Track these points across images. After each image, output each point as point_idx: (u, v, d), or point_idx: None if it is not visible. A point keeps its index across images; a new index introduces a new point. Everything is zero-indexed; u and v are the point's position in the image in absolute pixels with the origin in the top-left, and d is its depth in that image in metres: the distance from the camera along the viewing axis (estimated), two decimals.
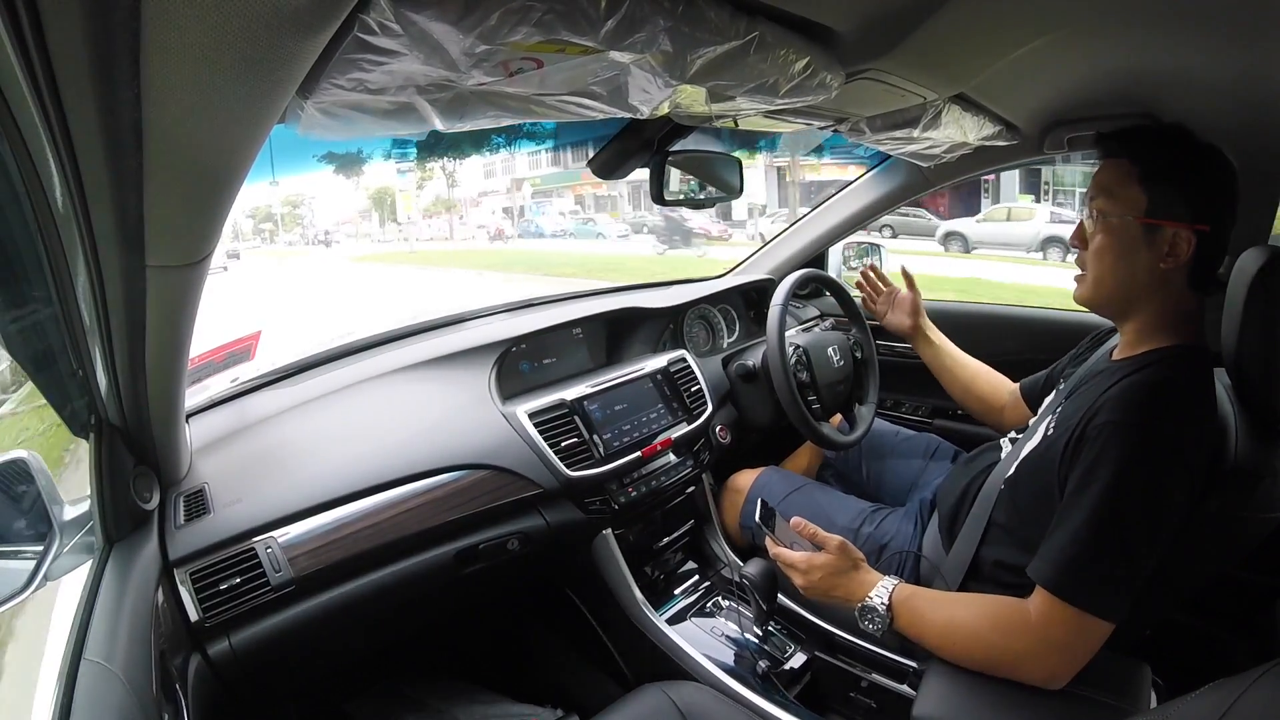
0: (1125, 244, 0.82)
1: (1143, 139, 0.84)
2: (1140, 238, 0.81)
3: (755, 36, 0.58)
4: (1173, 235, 0.79)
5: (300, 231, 19.08)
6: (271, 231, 18.80)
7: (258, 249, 17.48)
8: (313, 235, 18.67)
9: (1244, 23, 0.71)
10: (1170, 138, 0.84)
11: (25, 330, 0.61)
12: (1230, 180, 0.82)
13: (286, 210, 19.01)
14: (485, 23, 0.41)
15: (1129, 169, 0.82)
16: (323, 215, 19.58)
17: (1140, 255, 0.81)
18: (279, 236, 18.67)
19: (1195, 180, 0.80)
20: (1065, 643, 0.74)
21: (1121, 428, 0.74)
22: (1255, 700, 0.41)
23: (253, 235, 18.13)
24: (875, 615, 0.85)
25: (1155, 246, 0.80)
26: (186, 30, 0.32)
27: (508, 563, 1.04)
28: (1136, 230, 0.81)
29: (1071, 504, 0.76)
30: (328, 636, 0.91)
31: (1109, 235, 0.83)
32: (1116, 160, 0.84)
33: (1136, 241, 0.81)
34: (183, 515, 0.83)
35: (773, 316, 1.25)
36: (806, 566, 0.90)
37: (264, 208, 18.35)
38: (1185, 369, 0.80)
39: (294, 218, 19.28)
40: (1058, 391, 0.99)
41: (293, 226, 19.24)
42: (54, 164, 0.40)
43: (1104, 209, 0.84)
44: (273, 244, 18.24)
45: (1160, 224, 0.80)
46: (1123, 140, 0.84)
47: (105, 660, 0.60)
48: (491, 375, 1.16)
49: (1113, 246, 0.83)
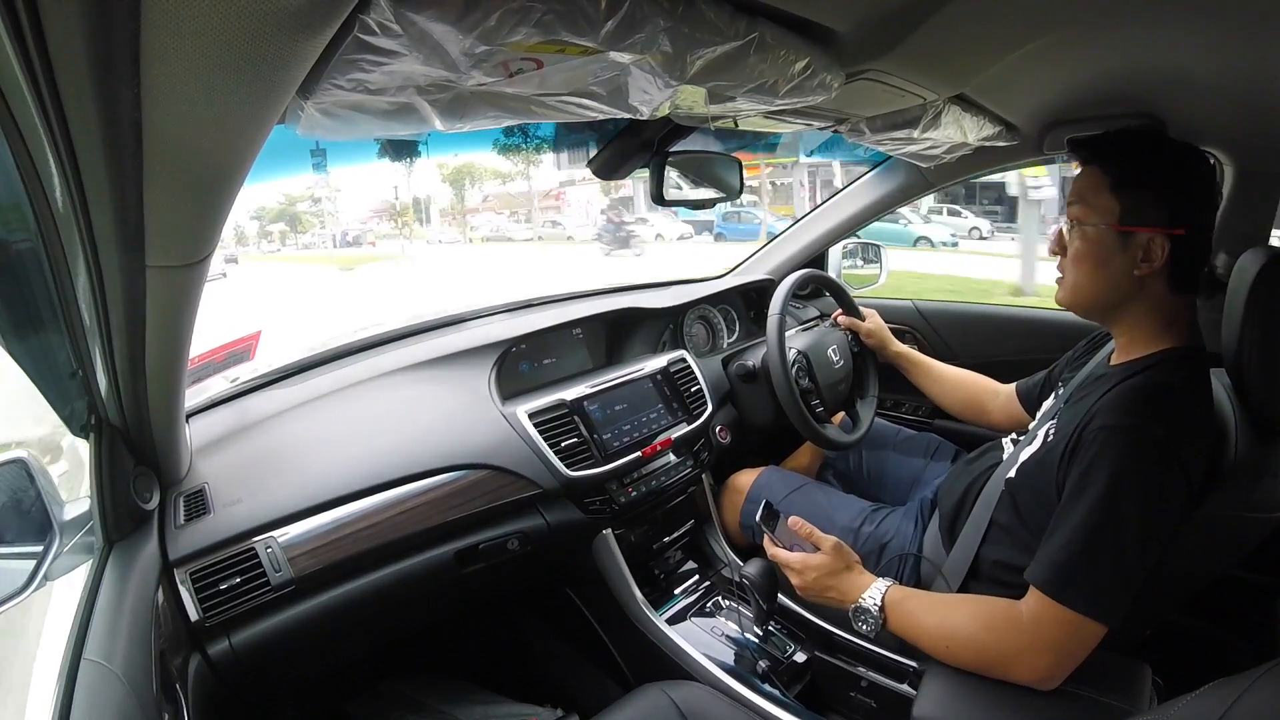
0: (1100, 251, 0.83)
1: (1113, 146, 0.84)
2: (1114, 244, 0.82)
3: (755, 37, 0.58)
4: (1146, 241, 0.80)
5: (315, 233, 18.49)
6: (283, 234, 18.28)
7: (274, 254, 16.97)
8: (338, 236, 17.98)
9: (1244, 22, 0.71)
10: (1142, 142, 0.84)
11: (25, 330, 0.61)
12: (1206, 179, 0.82)
13: (305, 209, 18.44)
14: (485, 23, 0.41)
15: (1100, 177, 0.83)
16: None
17: (1115, 261, 0.82)
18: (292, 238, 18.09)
19: (1168, 184, 0.80)
20: (1057, 644, 0.74)
21: (1117, 432, 0.75)
22: (1255, 700, 0.41)
23: (257, 238, 17.69)
24: (868, 617, 0.86)
25: (1129, 252, 0.81)
26: (186, 30, 0.32)
27: (508, 563, 1.04)
28: (1111, 237, 0.82)
29: (1068, 507, 0.76)
30: (328, 636, 0.91)
31: (1084, 242, 0.84)
32: (1090, 168, 0.84)
33: (1111, 248, 0.82)
34: (183, 515, 0.83)
35: (772, 320, 1.25)
36: (801, 567, 0.91)
37: (275, 207, 17.80)
38: (1181, 372, 0.80)
39: (314, 216, 18.70)
40: (1057, 396, 0.99)
41: (310, 226, 18.74)
42: (54, 164, 0.40)
43: (1078, 216, 0.85)
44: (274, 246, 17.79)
45: (1133, 230, 0.80)
46: (1093, 148, 0.85)
47: (105, 660, 0.60)
48: (491, 375, 1.16)
49: (1088, 253, 0.84)
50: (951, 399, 1.33)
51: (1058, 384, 1.05)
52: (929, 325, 1.72)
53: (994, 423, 1.25)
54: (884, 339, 1.41)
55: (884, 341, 1.41)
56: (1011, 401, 1.21)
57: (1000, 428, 1.20)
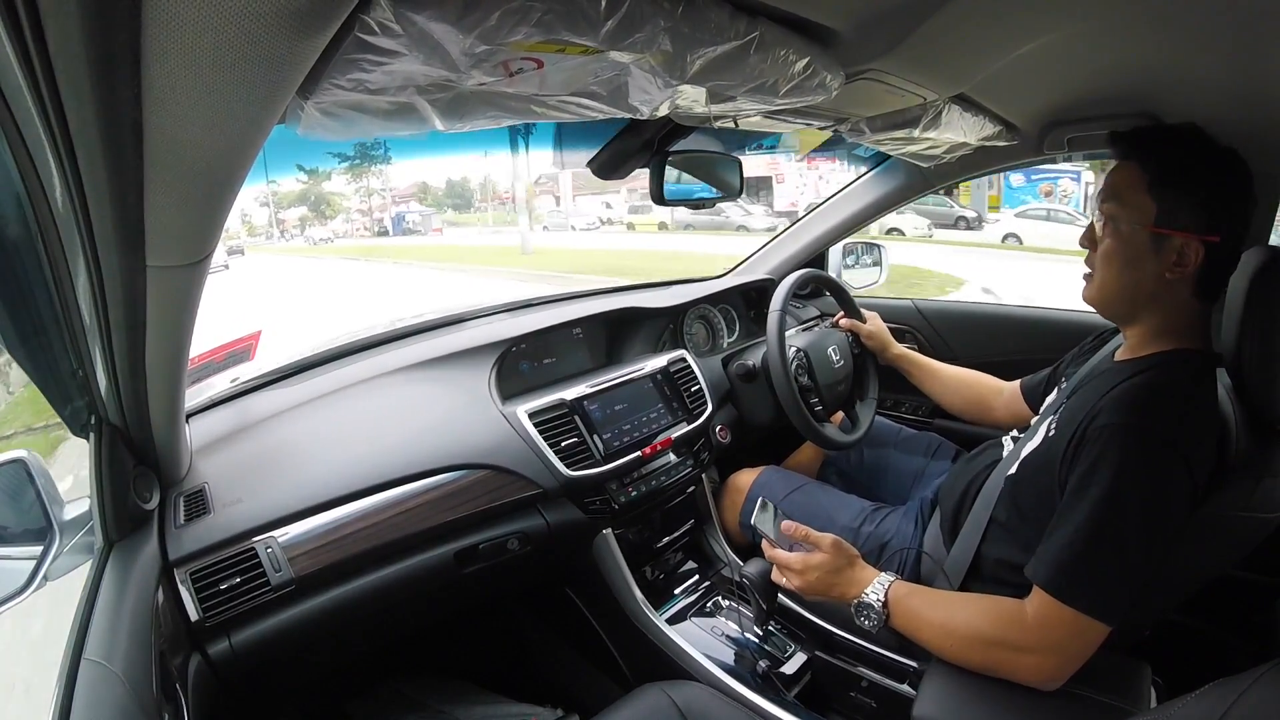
0: (1132, 251, 0.81)
1: (1154, 142, 0.81)
2: (1147, 246, 0.79)
3: (755, 37, 0.58)
4: (1181, 245, 0.78)
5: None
6: (304, 220, 16.15)
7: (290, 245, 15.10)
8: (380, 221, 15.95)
9: (1244, 21, 0.71)
10: (1183, 142, 0.81)
11: (25, 330, 0.61)
12: (1244, 187, 0.79)
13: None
14: (485, 23, 0.41)
15: (1139, 174, 0.80)
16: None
17: (1147, 263, 0.80)
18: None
19: (1207, 189, 0.77)
20: (1061, 644, 0.74)
21: (1121, 429, 0.74)
22: (1255, 700, 0.41)
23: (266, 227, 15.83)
24: (871, 612, 0.85)
25: (1163, 256, 0.79)
26: (186, 30, 0.32)
27: (508, 563, 1.04)
28: (1144, 238, 0.80)
29: (1070, 505, 0.75)
30: (328, 636, 0.91)
31: (1116, 241, 0.82)
32: (1127, 163, 0.82)
33: (1143, 249, 0.80)
34: (183, 515, 0.83)
35: (772, 321, 1.25)
36: (802, 567, 0.90)
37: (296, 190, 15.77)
38: (1187, 372, 0.79)
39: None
40: (1059, 390, 0.99)
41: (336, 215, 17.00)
42: (54, 164, 0.40)
43: (1113, 214, 0.82)
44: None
45: (1168, 234, 0.78)
46: (1134, 143, 0.82)
47: (105, 660, 0.60)
48: (491, 375, 1.16)
49: (1119, 253, 0.82)
50: (954, 399, 1.32)
51: (1060, 379, 1.04)
52: (929, 325, 1.72)
53: (998, 420, 1.24)
54: (885, 341, 1.41)
55: (885, 344, 1.40)
56: (1015, 399, 1.20)
57: (1004, 425, 1.19)
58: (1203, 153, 0.80)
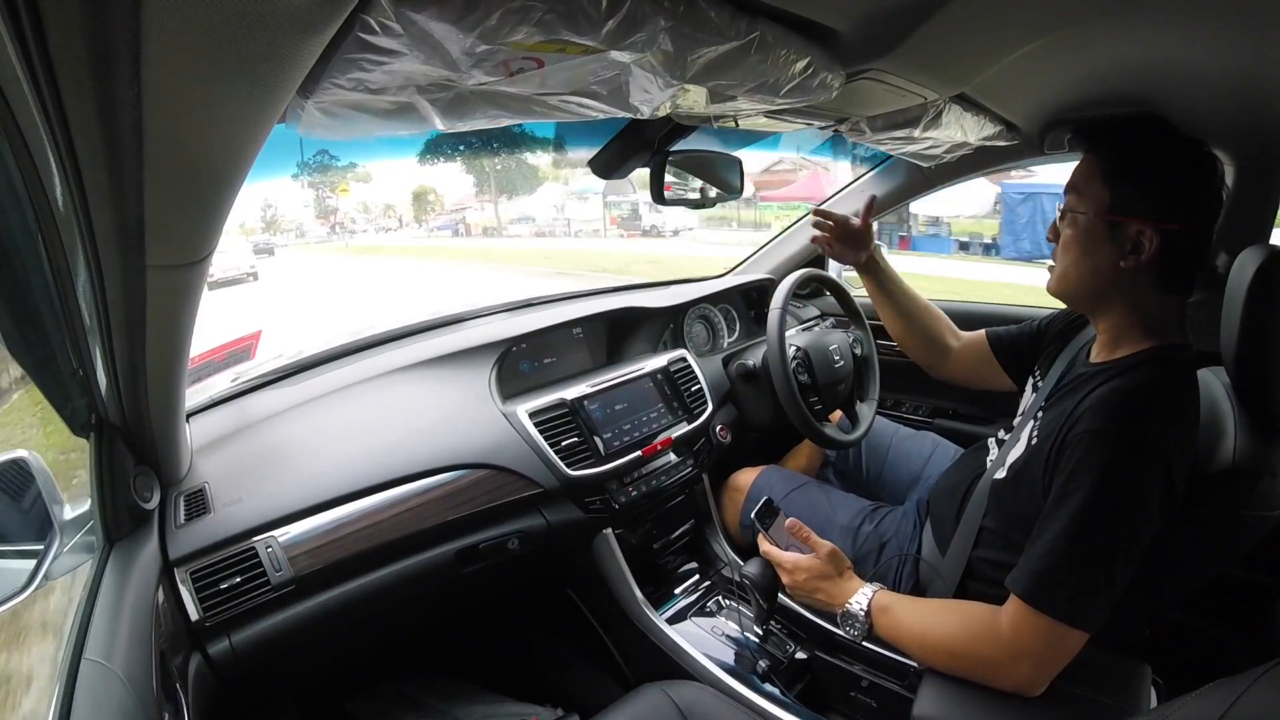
0: (1088, 240, 0.82)
1: (1112, 134, 0.83)
2: (1103, 234, 0.81)
3: (756, 36, 0.57)
4: (1135, 233, 0.78)
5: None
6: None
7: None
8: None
9: (1246, 20, 0.71)
10: (1141, 132, 0.83)
11: (25, 330, 0.61)
12: (1208, 177, 0.79)
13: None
14: (486, 22, 0.41)
15: (1096, 165, 0.82)
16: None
17: (1102, 252, 0.81)
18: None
19: (1164, 177, 0.78)
20: (1036, 651, 0.73)
21: (1100, 436, 0.74)
22: (1255, 700, 0.41)
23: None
24: (855, 621, 0.86)
25: (1118, 244, 0.80)
26: (187, 30, 0.32)
27: (508, 562, 1.04)
28: (1099, 226, 0.81)
29: (1050, 514, 0.75)
30: (328, 636, 0.91)
31: (1074, 230, 0.84)
32: (1089, 156, 0.84)
33: (1099, 237, 0.81)
34: (183, 515, 0.83)
35: (772, 319, 1.24)
36: (792, 567, 0.92)
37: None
38: (1165, 373, 0.79)
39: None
40: (1036, 390, 0.98)
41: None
42: (54, 164, 0.40)
43: (1071, 205, 0.84)
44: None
45: (1122, 220, 0.79)
46: (1091, 135, 0.84)
47: (105, 660, 0.60)
48: (492, 375, 1.16)
49: (1077, 241, 0.83)
50: (907, 332, 1.23)
51: (1035, 371, 1.02)
52: None
53: (949, 373, 1.19)
54: (863, 239, 1.24)
55: (862, 240, 1.24)
56: (973, 351, 1.16)
57: (954, 379, 1.16)
58: (1160, 142, 0.81)
